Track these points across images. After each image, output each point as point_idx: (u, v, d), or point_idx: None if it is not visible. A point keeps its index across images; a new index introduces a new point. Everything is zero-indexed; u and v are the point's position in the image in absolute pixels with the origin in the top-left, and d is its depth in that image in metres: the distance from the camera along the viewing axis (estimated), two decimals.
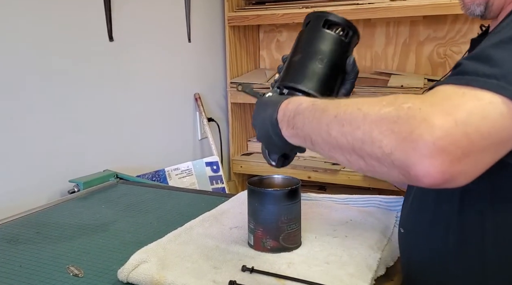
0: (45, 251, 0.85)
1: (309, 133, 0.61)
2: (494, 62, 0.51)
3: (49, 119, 1.29)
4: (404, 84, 1.70)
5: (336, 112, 0.56)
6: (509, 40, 0.52)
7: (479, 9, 0.71)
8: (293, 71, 0.77)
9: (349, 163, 0.56)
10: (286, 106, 0.67)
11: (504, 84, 0.48)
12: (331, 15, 0.78)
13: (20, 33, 1.20)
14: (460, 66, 0.53)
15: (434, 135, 0.45)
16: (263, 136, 0.72)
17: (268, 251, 0.79)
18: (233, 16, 1.97)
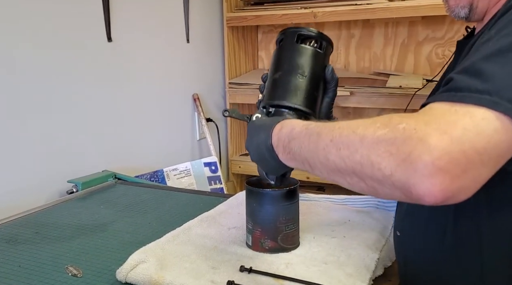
0: (44, 251, 0.85)
1: (306, 157, 0.61)
2: (486, 76, 0.51)
3: (48, 119, 1.29)
4: (402, 85, 1.70)
5: (331, 136, 0.57)
6: (498, 53, 0.52)
7: (464, 12, 0.72)
8: (276, 88, 0.78)
9: (350, 185, 0.57)
10: (280, 130, 0.67)
11: (497, 99, 0.49)
12: (303, 30, 0.80)
13: (19, 33, 1.20)
14: (452, 81, 0.53)
15: (432, 155, 0.46)
16: (261, 160, 0.72)
17: (266, 251, 0.79)
18: (232, 17, 1.97)
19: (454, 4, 0.73)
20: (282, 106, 0.76)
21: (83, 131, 1.40)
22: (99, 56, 1.44)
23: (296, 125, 0.65)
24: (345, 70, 2.06)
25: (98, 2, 1.42)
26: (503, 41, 0.53)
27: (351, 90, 1.76)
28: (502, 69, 0.51)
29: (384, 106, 1.75)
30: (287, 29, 0.82)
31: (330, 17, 1.76)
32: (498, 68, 0.51)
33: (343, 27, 2.04)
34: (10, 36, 1.18)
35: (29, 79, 1.23)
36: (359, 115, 2.09)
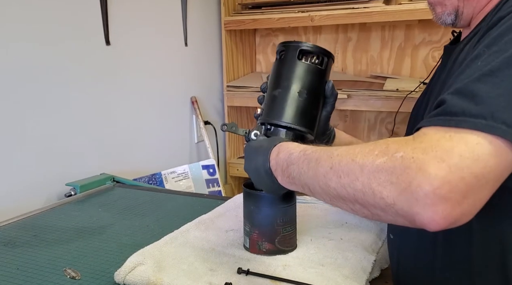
0: (42, 254, 0.85)
1: (306, 183, 0.62)
2: (479, 98, 0.51)
3: (46, 122, 1.29)
4: (399, 88, 1.71)
5: (330, 164, 0.57)
6: (490, 73, 0.52)
7: (450, 18, 0.74)
8: (275, 107, 0.78)
9: (354, 211, 0.57)
10: (277, 155, 0.68)
11: (491, 123, 0.49)
12: (305, 45, 0.80)
13: (18, 36, 1.20)
14: (445, 104, 0.54)
15: (433, 184, 0.47)
16: (261, 183, 0.72)
17: (263, 253, 0.79)
18: (230, 20, 1.98)
19: (440, 11, 0.75)
20: (281, 126, 0.77)
21: (81, 134, 1.41)
22: (97, 60, 1.45)
23: (294, 150, 0.66)
24: (343, 73, 2.07)
25: (96, 6, 1.43)
26: (494, 59, 0.53)
27: (348, 93, 1.77)
28: (495, 90, 0.51)
29: (381, 109, 1.76)
30: (289, 43, 0.81)
31: (327, 20, 1.77)
32: (491, 89, 0.51)
33: (340, 30, 2.05)
34: (9, 38, 1.18)
35: (28, 82, 1.24)
36: (357, 118, 2.10)
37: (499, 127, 0.49)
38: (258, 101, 0.84)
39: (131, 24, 1.57)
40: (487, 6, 0.70)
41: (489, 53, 0.55)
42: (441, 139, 0.50)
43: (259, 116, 0.81)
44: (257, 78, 2.12)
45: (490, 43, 0.56)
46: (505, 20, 0.57)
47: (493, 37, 0.56)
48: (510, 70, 0.52)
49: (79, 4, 1.37)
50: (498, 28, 0.57)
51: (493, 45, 0.55)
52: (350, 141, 0.98)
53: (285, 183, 0.67)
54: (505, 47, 0.54)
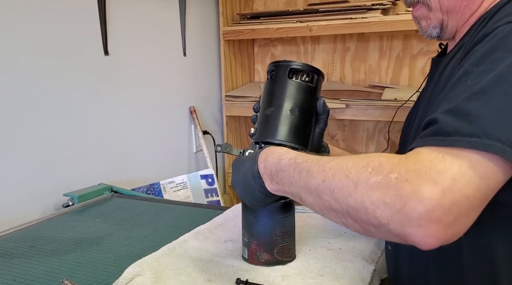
0: (39, 265, 0.84)
1: (297, 191, 0.63)
2: (473, 117, 0.52)
3: (44, 132, 1.29)
4: (397, 97, 1.71)
5: (323, 177, 0.58)
6: (481, 91, 0.53)
7: (435, 31, 0.76)
8: (268, 125, 0.79)
9: (345, 225, 0.58)
10: (265, 159, 0.68)
11: (486, 141, 0.50)
12: (295, 63, 0.81)
13: (16, 46, 1.21)
14: (437, 123, 0.54)
15: (426, 207, 0.48)
16: (247, 191, 0.72)
17: (262, 264, 0.79)
18: (228, 31, 1.99)
19: (425, 25, 0.76)
20: (275, 144, 0.77)
21: (79, 144, 1.40)
22: (96, 70, 1.45)
23: (283, 156, 0.66)
24: (341, 83, 2.08)
25: (95, 16, 1.43)
26: (483, 78, 0.54)
27: (347, 102, 1.77)
28: (487, 108, 0.52)
29: (379, 118, 1.76)
30: (279, 62, 0.83)
31: (325, 30, 1.78)
32: (483, 107, 0.52)
33: (339, 40, 2.06)
34: (7, 49, 1.18)
35: (26, 91, 1.24)
36: (355, 127, 2.10)
37: (494, 144, 0.50)
38: (252, 121, 0.85)
39: (129, 34, 1.58)
40: (470, 19, 0.71)
41: (478, 71, 0.55)
42: (434, 160, 0.51)
43: (253, 135, 0.81)
44: (256, 87, 2.13)
45: (477, 62, 0.56)
46: (491, 37, 0.57)
47: (480, 55, 0.57)
48: (500, 87, 0.52)
49: (78, 14, 1.37)
50: (483, 45, 0.58)
51: (481, 63, 0.56)
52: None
53: (273, 188, 0.67)
54: (493, 65, 0.54)
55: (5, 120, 1.19)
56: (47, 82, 1.29)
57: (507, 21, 0.57)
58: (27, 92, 1.24)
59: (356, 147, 2.12)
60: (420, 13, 0.76)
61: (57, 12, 1.30)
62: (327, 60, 2.10)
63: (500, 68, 0.53)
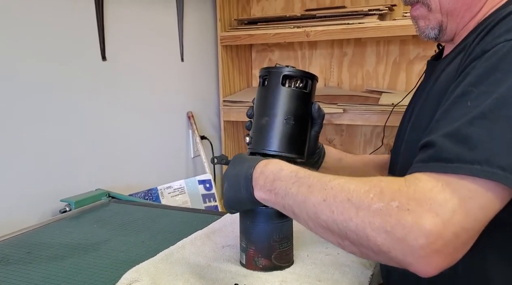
0: (36, 271, 0.84)
1: (291, 205, 0.63)
2: (473, 143, 0.51)
3: (41, 137, 1.29)
4: (395, 102, 1.72)
5: (324, 196, 0.58)
6: (481, 115, 0.52)
7: (433, 33, 0.74)
8: (264, 136, 0.78)
9: (340, 246, 0.59)
10: (265, 166, 0.68)
11: (487, 168, 0.50)
12: (287, 70, 0.79)
13: (14, 51, 1.21)
14: (435, 147, 0.54)
15: (428, 239, 0.49)
16: (232, 189, 0.72)
17: (260, 269, 0.79)
18: (226, 36, 2.00)
19: (424, 25, 0.75)
20: (270, 155, 0.77)
21: (76, 149, 1.40)
22: (93, 75, 1.45)
23: (285, 167, 0.66)
24: (338, 88, 2.08)
25: (93, 21, 1.43)
26: (484, 101, 0.53)
27: (344, 107, 1.78)
28: (488, 134, 0.51)
29: (376, 123, 1.76)
30: (271, 69, 0.81)
31: (322, 36, 1.79)
32: (484, 133, 0.52)
33: (336, 45, 2.06)
34: (4, 53, 1.18)
35: (22, 97, 1.23)
36: (353, 132, 2.10)
37: (495, 172, 0.50)
38: (246, 128, 0.85)
39: (127, 39, 1.58)
40: (470, 23, 0.70)
41: (478, 92, 0.54)
42: (433, 189, 0.51)
43: (249, 143, 0.81)
44: (253, 93, 2.11)
45: (476, 81, 0.56)
46: (490, 55, 0.56)
47: (479, 75, 0.56)
48: (501, 111, 0.52)
49: (76, 19, 1.38)
50: (482, 64, 0.57)
51: (480, 83, 0.55)
52: (340, 157, 0.98)
53: (262, 196, 0.67)
54: (493, 87, 0.54)
55: (3, 125, 1.18)
56: (45, 87, 1.29)
57: (507, 38, 0.56)
58: (25, 98, 1.24)
59: (353, 151, 2.12)
60: (419, 13, 0.75)
61: (55, 18, 1.30)
62: (324, 65, 2.10)
63: (501, 91, 0.53)
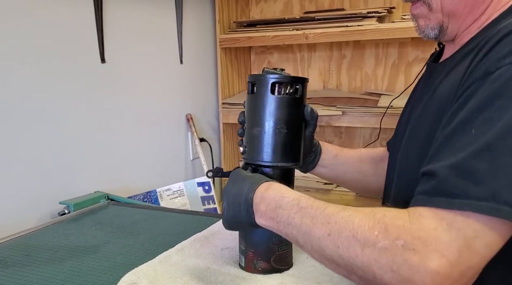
0: (34, 274, 0.84)
1: (295, 235, 0.63)
2: (479, 177, 0.51)
3: (39, 140, 1.29)
4: (393, 104, 1.72)
5: (328, 230, 0.58)
6: (486, 147, 0.51)
7: (434, 33, 0.72)
8: (258, 147, 0.77)
9: (346, 277, 0.59)
10: (266, 191, 0.68)
11: (493, 205, 0.49)
12: (275, 77, 0.76)
13: (11, 54, 1.21)
14: (440, 179, 0.53)
15: (435, 281, 0.49)
16: (232, 209, 0.71)
17: (259, 272, 0.78)
18: (225, 38, 2.00)
19: (424, 24, 0.73)
20: (265, 166, 0.77)
21: (75, 151, 1.40)
22: (92, 77, 1.45)
23: (286, 194, 0.66)
24: (337, 90, 2.09)
25: (92, 23, 1.44)
26: (488, 129, 0.52)
27: (343, 109, 1.78)
28: (494, 167, 0.50)
29: (375, 125, 1.76)
30: (260, 76, 0.78)
31: (321, 38, 1.79)
32: (489, 166, 0.51)
33: (335, 47, 2.07)
34: (2, 56, 1.18)
35: (21, 99, 1.23)
36: (352, 134, 2.10)
37: (502, 209, 0.49)
38: (239, 134, 0.84)
39: (126, 42, 1.58)
40: (473, 26, 0.69)
41: (482, 119, 0.53)
42: (438, 227, 0.51)
43: (243, 153, 0.80)
44: None
45: (480, 107, 0.54)
46: (494, 79, 0.54)
47: (483, 100, 0.54)
48: (507, 142, 0.51)
49: (75, 21, 1.38)
50: (486, 88, 0.55)
51: (483, 109, 0.54)
52: (336, 154, 0.97)
53: (264, 223, 0.67)
54: (498, 114, 0.52)
55: (2, 128, 1.18)
56: (44, 89, 1.29)
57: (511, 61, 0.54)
58: (24, 100, 1.24)
59: None
60: (419, 12, 0.73)
61: (54, 20, 1.31)
62: (323, 68, 2.10)
63: (505, 119, 0.51)
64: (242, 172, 0.75)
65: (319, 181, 1.86)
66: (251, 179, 0.71)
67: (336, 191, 1.81)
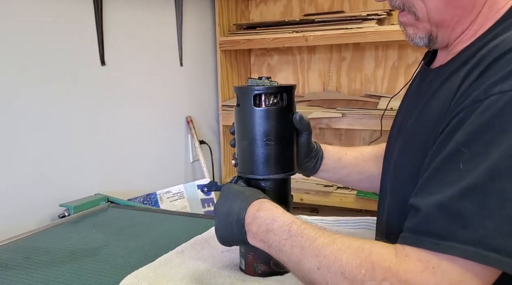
0: (34, 277, 0.84)
1: (286, 262, 0.64)
2: (467, 220, 0.50)
3: (39, 142, 1.29)
4: (393, 106, 1.72)
5: (318, 264, 0.58)
6: (474, 188, 0.50)
7: (423, 42, 0.70)
8: (247, 160, 0.77)
9: None
10: (257, 211, 0.68)
11: (481, 251, 0.48)
12: (257, 89, 0.75)
13: (11, 57, 1.21)
14: (424, 215, 0.53)
15: None
16: (224, 228, 0.71)
17: (259, 275, 0.78)
18: (224, 41, 2.00)
19: (412, 33, 0.70)
20: (257, 179, 0.77)
21: (75, 154, 1.40)
22: (92, 80, 1.45)
23: (277, 217, 0.66)
24: (337, 92, 2.09)
25: (92, 26, 1.44)
26: (476, 166, 0.51)
27: (343, 112, 1.78)
28: (481, 210, 0.49)
29: (375, 127, 1.76)
30: (242, 89, 0.77)
31: (321, 40, 1.79)
32: (477, 209, 0.49)
33: (334, 50, 2.07)
34: (1, 57, 1.18)
35: (21, 102, 1.24)
36: (351, 136, 2.11)
37: (489, 255, 0.48)
38: (231, 145, 0.84)
39: (126, 44, 1.58)
40: (464, 35, 0.66)
41: (470, 154, 0.52)
42: (424, 271, 0.51)
43: (235, 165, 0.80)
44: None
45: (468, 140, 0.53)
46: (483, 110, 0.52)
47: (472, 133, 0.53)
48: (496, 184, 0.49)
49: (75, 24, 1.38)
50: (476, 119, 0.53)
51: (472, 143, 0.52)
52: (339, 157, 0.95)
53: (255, 242, 0.68)
54: (486, 148, 0.51)
55: (1, 131, 1.18)
56: (44, 92, 1.29)
57: (502, 89, 0.52)
58: (23, 103, 1.24)
59: None
60: (406, 20, 0.70)
61: (54, 22, 1.31)
62: (323, 70, 2.11)
63: (495, 157, 0.50)
64: (234, 188, 0.74)
65: (319, 183, 1.85)
66: (242, 196, 0.71)
67: (336, 193, 1.81)
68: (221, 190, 0.76)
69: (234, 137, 0.82)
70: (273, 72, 2.23)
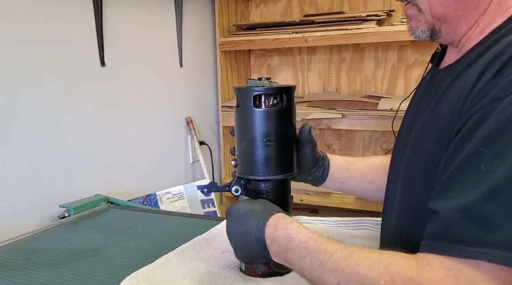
0: (34, 278, 0.83)
1: (308, 278, 0.65)
2: (492, 224, 0.49)
3: (40, 143, 1.29)
4: (393, 107, 1.72)
5: (337, 278, 0.58)
6: (498, 189, 0.49)
7: (424, 35, 0.70)
8: (247, 161, 0.77)
9: None
10: (274, 230, 0.68)
11: (508, 254, 0.47)
12: (257, 90, 0.75)
13: (12, 58, 1.21)
14: (447, 221, 0.52)
15: None
16: (247, 249, 0.71)
17: (259, 276, 0.78)
18: (224, 41, 2.00)
19: (414, 26, 0.70)
20: (258, 180, 0.77)
21: (75, 155, 1.40)
22: (92, 81, 1.45)
23: (293, 235, 0.66)
24: (337, 93, 2.09)
25: (92, 27, 1.44)
26: (498, 167, 0.50)
27: (343, 112, 1.78)
28: (507, 212, 0.48)
29: (375, 128, 1.77)
30: (241, 89, 0.77)
31: (321, 41, 1.79)
32: (502, 211, 0.48)
33: (334, 51, 2.07)
34: (3, 61, 1.18)
35: (21, 103, 1.23)
36: (352, 137, 2.11)
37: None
38: (231, 153, 0.84)
39: (126, 45, 1.58)
40: (471, 32, 0.65)
41: (491, 154, 0.51)
42: (447, 279, 0.50)
43: (235, 166, 0.80)
44: None
45: (488, 141, 0.52)
46: (502, 109, 0.52)
47: (491, 133, 0.52)
48: None
49: (75, 24, 1.38)
50: (494, 118, 0.52)
51: (492, 143, 0.51)
52: (346, 167, 0.94)
53: (280, 261, 0.68)
54: (507, 148, 0.50)
55: (1, 133, 1.18)
56: (41, 93, 1.29)
57: None
58: (23, 104, 1.24)
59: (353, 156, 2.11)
60: (410, 12, 0.70)
61: (54, 23, 1.31)
62: (323, 71, 2.11)
63: None
64: (241, 207, 0.73)
65: None
66: (255, 214, 0.70)
67: (336, 194, 1.80)
68: (227, 212, 0.75)
69: (234, 146, 0.82)
70: (273, 73, 2.23)
